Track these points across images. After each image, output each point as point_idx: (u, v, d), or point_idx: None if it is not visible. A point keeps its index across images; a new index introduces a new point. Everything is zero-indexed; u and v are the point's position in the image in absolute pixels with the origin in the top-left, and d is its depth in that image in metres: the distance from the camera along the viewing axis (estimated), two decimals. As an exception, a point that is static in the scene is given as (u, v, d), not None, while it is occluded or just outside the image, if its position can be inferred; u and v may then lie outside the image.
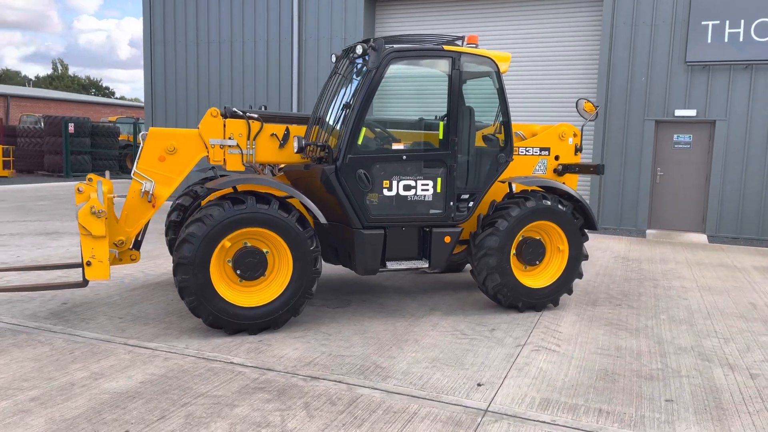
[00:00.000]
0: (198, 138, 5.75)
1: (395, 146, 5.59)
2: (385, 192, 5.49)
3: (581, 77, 12.32)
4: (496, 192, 6.23)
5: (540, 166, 6.71)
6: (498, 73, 5.75)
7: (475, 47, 5.73)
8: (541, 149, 6.69)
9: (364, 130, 5.40)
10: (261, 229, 5.02)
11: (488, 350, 4.93)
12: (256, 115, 5.87)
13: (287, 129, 5.94)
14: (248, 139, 5.83)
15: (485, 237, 5.78)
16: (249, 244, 5.13)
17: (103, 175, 5.11)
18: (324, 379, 4.26)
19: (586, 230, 6.24)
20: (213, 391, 4.01)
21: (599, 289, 7.14)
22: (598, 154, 11.80)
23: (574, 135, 6.84)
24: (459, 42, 5.81)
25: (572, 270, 6.09)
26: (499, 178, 6.27)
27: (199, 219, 4.91)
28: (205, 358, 4.59)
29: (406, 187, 5.54)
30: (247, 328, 5.09)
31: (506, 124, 5.86)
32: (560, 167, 6.70)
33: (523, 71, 12.62)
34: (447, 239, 5.71)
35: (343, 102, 5.42)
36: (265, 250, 5.17)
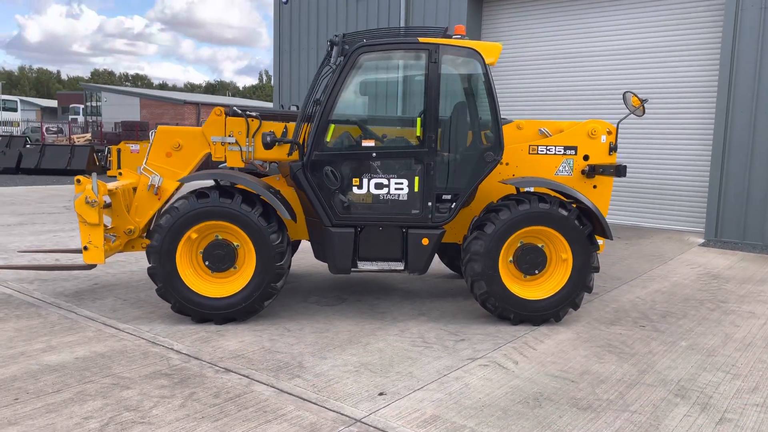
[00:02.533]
0: (201, 136, 6.06)
1: (365, 143, 5.43)
2: (355, 190, 5.35)
3: (698, 68, 10.90)
4: (500, 193, 5.78)
5: (564, 167, 6.10)
6: (484, 66, 5.32)
7: (461, 38, 5.37)
8: (566, 148, 6.07)
9: (332, 126, 5.33)
10: (224, 222, 5.18)
11: (432, 361, 4.61)
12: (255, 114, 6.05)
13: (285, 127, 6.04)
14: (247, 136, 6.03)
15: (471, 241, 5.39)
16: (220, 237, 5.31)
17: (90, 176, 5.59)
18: (235, 372, 4.30)
19: (598, 239, 5.56)
20: (125, 372, 4.24)
21: (639, 307, 6.29)
22: (718, 155, 10.33)
23: (608, 132, 6.11)
24: (454, 35, 5.48)
25: (577, 283, 5.45)
26: (503, 179, 5.83)
27: (168, 210, 5.20)
28: (153, 342, 4.85)
29: (378, 186, 5.36)
30: (212, 317, 5.28)
31: (494, 119, 5.41)
32: (587, 168, 6.04)
33: (632, 64, 11.48)
34: (425, 241, 5.42)
35: (314, 98, 5.39)
36: (236, 244, 5.32)
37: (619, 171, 5.80)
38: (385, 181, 5.35)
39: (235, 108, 6.10)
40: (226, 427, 3.50)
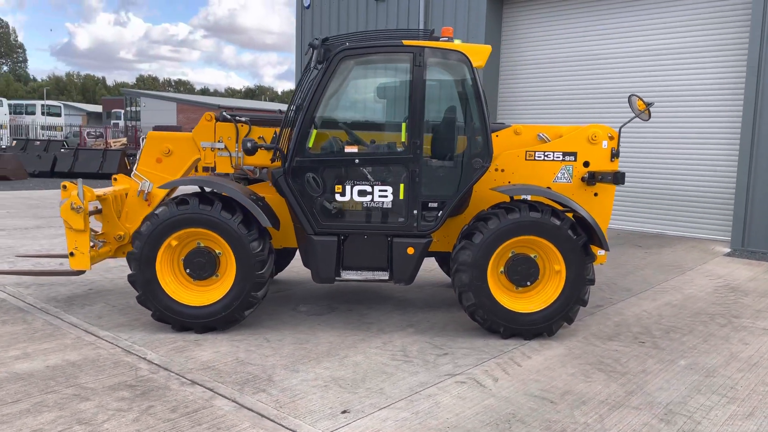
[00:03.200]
0: (191, 141, 6.00)
1: (348, 149, 5.27)
2: (338, 197, 5.20)
3: (723, 70, 10.43)
4: (496, 201, 5.56)
5: (563, 174, 5.83)
6: (471, 69, 5.11)
7: (448, 41, 5.17)
8: (565, 154, 5.81)
9: (315, 132, 5.19)
10: (204, 230, 5.09)
11: (407, 376, 4.42)
12: (244, 119, 5.95)
13: (275, 132, 5.93)
14: (237, 142, 5.94)
15: (458, 251, 5.19)
16: (202, 245, 5.22)
17: (76, 183, 5.57)
18: (200, 385, 4.18)
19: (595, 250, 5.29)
20: (90, 383, 4.16)
21: (644, 321, 5.97)
22: (745, 160, 9.85)
23: (610, 138, 5.82)
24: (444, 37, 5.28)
25: (570, 296, 5.18)
26: (496, 186, 5.60)
27: (148, 218, 5.14)
28: (127, 350, 4.78)
29: (362, 193, 5.19)
30: (192, 326, 5.19)
31: (482, 124, 5.19)
32: (587, 175, 5.76)
33: (655, 67, 11.06)
34: (410, 250, 5.23)
35: (296, 104, 5.26)
36: (218, 252, 5.23)
37: (617, 178, 5.51)
38: (368, 188, 5.18)
39: (224, 113, 6.02)
40: (174, 444, 3.39)
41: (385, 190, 5.19)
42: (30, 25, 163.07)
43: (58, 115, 51.56)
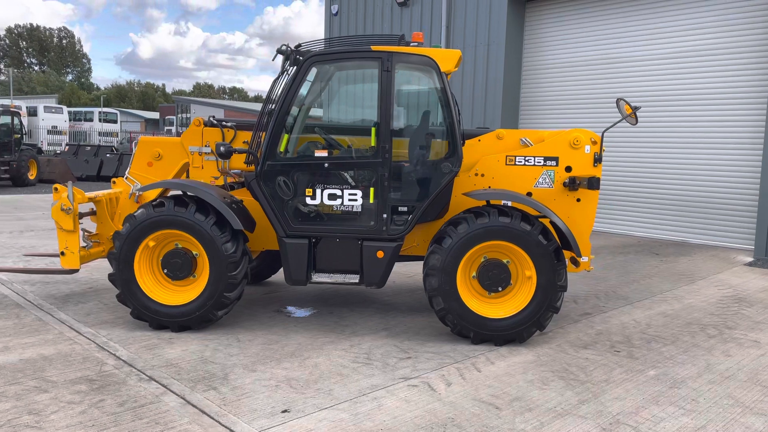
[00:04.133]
0: (180, 146, 6.19)
1: (318, 153, 5.33)
2: (308, 201, 5.28)
3: (746, 71, 10.04)
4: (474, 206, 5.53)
5: (545, 179, 5.76)
6: (439, 73, 5.11)
7: (417, 46, 5.19)
8: (546, 159, 5.73)
9: (286, 136, 5.28)
10: (178, 231, 5.24)
11: (362, 378, 4.45)
12: (230, 124, 6.10)
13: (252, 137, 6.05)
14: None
15: (428, 255, 5.19)
16: (180, 246, 5.38)
17: (67, 185, 5.82)
18: (157, 381, 4.31)
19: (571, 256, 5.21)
20: (54, 376, 4.35)
21: (628, 330, 5.82)
22: (769, 167, 9.46)
23: (593, 142, 5.72)
24: (413, 42, 5.31)
25: (542, 302, 5.10)
26: (469, 191, 5.58)
27: (127, 219, 5.33)
28: (101, 346, 4.97)
29: (332, 197, 5.26)
30: (168, 324, 5.35)
31: (450, 128, 5.17)
32: (568, 180, 5.66)
33: (677, 69, 10.75)
34: (380, 254, 5.26)
35: (268, 108, 5.36)
36: (195, 253, 5.38)
37: (592, 183, 5.41)
38: (338, 192, 5.25)
39: (211, 118, 6.19)
40: (108, 437, 3.52)
41: (355, 194, 5.24)
42: (96, 35, 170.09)
43: (114, 121, 53.54)
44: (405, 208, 5.25)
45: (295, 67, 5.15)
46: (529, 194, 5.71)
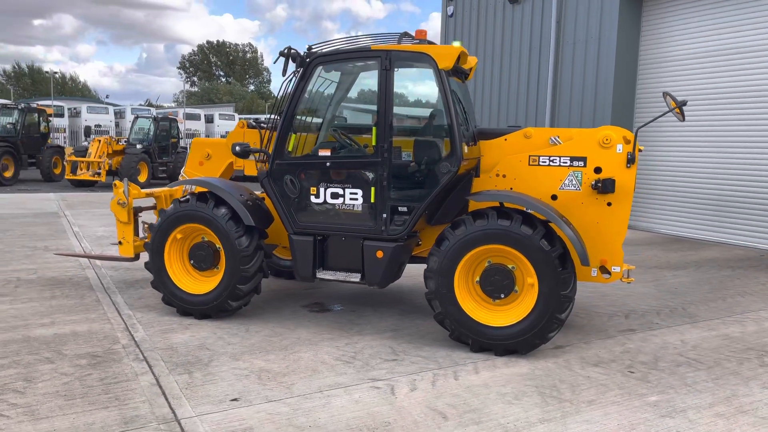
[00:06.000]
0: (226, 146, 6.60)
1: (321, 153, 5.38)
2: (313, 199, 5.38)
3: None
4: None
5: (571, 181, 5.34)
6: (437, 71, 4.93)
7: (420, 43, 5.06)
8: (573, 159, 5.32)
9: (293, 136, 5.42)
10: (199, 225, 5.61)
11: (331, 376, 4.46)
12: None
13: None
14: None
15: (429, 257, 5.06)
16: (206, 239, 5.76)
17: (123, 181, 6.44)
18: (147, 362, 4.65)
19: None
20: (68, 350, 4.86)
21: (665, 351, 5.19)
22: None
23: (626, 141, 5.21)
24: (414, 40, 5.20)
25: (544, 312, 4.75)
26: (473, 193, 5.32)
27: (160, 213, 5.81)
28: (127, 327, 5.44)
29: (334, 195, 5.30)
30: (191, 312, 5.74)
31: (450, 127, 4.98)
32: (599, 183, 5.19)
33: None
34: (379, 254, 5.21)
35: (279, 109, 5.53)
36: (218, 246, 5.72)
37: (606, 186, 4.94)
38: (340, 191, 5.29)
39: (251, 121, 6.53)
40: (67, 406, 3.88)
41: (356, 193, 5.25)
42: (277, 49, 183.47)
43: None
44: (404, 209, 5.16)
45: (302, 69, 5.27)
46: (554, 197, 5.34)
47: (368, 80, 5.85)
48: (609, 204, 5.24)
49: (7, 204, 14.05)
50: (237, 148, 5.51)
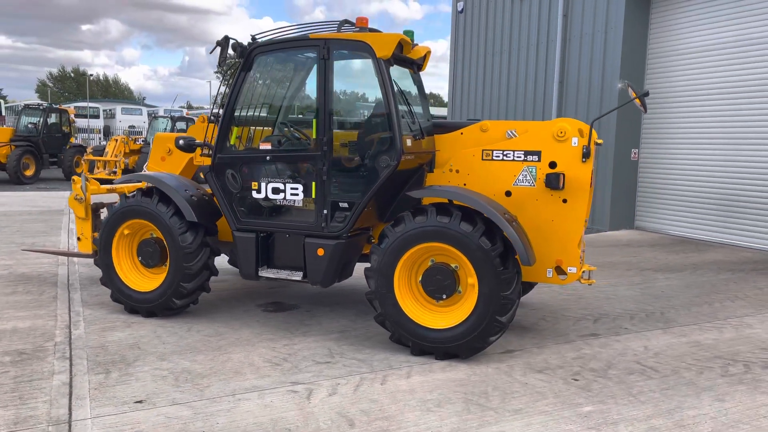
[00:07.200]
0: (186, 141, 6.47)
1: (262, 146, 5.18)
2: (254, 195, 5.19)
3: None
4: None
5: (525, 176, 5.04)
6: (376, 60, 4.68)
7: (360, 31, 4.82)
8: (527, 153, 5.02)
9: (235, 129, 5.25)
10: (143, 220, 5.48)
11: (252, 379, 4.26)
12: (227, 119, 6.22)
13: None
14: (220, 141, 6.24)
15: (370, 254, 4.83)
16: (154, 235, 5.63)
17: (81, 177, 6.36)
18: (70, 360, 4.53)
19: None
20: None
21: (622, 358, 4.85)
22: None
23: (581, 134, 4.89)
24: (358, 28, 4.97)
25: (484, 314, 4.47)
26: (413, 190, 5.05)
27: (108, 208, 5.71)
28: (68, 324, 5.35)
29: (275, 191, 5.11)
30: (138, 310, 5.61)
31: (389, 119, 4.72)
32: (552, 177, 4.88)
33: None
34: (320, 251, 4.99)
35: (221, 101, 5.35)
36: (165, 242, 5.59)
37: (549, 181, 4.63)
38: (281, 186, 5.09)
39: (211, 116, 6.37)
40: (-34, 405, 3.78)
41: (296, 188, 5.04)
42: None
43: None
44: (345, 204, 4.93)
45: (242, 59, 5.09)
46: (509, 193, 5.05)
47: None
48: (564, 201, 4.93)
49: (18, 201, 14.28)
50: (180, 141, 5.36)
